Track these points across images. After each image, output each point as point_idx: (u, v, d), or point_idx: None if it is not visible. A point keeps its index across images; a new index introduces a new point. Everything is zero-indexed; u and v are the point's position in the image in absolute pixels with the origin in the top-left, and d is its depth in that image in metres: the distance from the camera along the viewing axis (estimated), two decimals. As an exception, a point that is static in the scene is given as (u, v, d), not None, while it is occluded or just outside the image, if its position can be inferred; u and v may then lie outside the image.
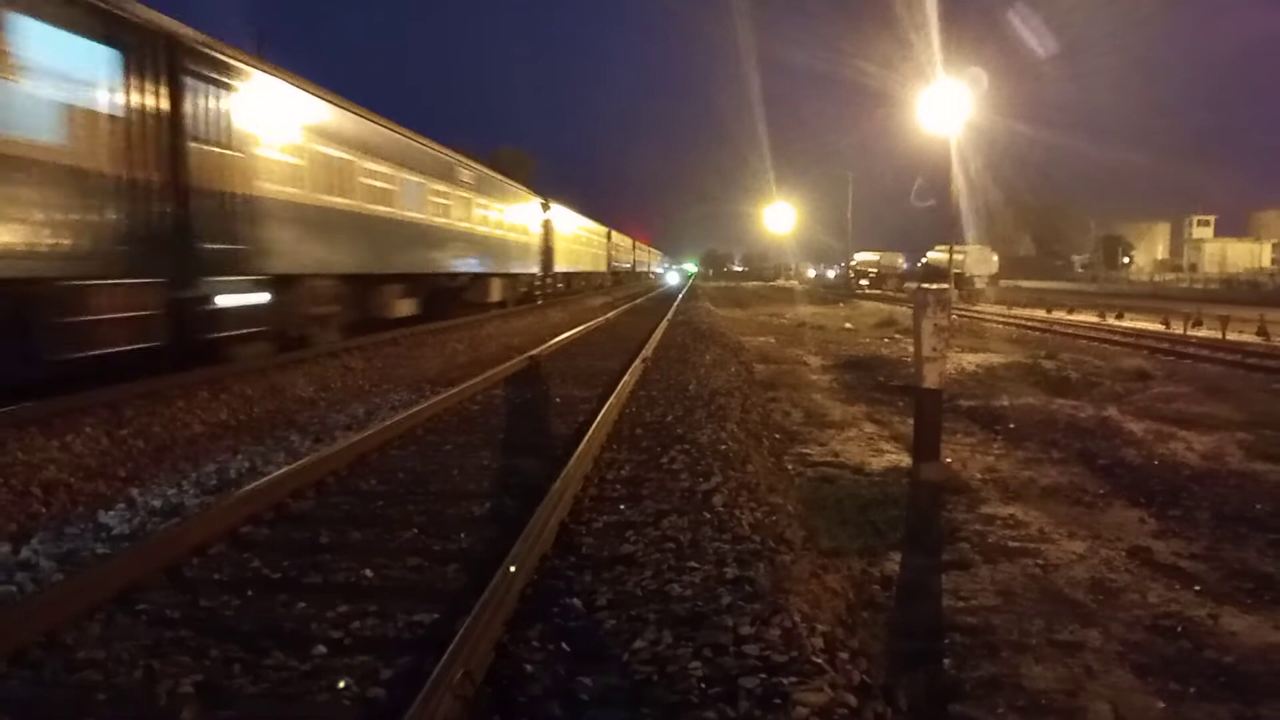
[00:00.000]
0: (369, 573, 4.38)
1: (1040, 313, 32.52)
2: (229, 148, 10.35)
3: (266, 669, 3.35)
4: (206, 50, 9.96)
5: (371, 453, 6.92)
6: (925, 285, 7.95)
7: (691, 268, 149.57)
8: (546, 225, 32.42)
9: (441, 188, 19.58)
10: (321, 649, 3.51)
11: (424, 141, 18.90)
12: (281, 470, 5.93)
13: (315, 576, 4.34)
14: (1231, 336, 20.57)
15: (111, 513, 5.42)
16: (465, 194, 21.57)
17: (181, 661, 3.39)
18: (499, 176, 26.37)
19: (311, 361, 11.82)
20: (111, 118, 8.29)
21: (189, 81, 9.51)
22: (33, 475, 6.16)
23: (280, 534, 5.03)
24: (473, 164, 22.86)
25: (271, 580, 4.31)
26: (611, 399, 8.86)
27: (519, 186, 29.07)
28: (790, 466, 7.81)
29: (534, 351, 13.66)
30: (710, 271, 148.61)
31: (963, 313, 31.03)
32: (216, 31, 9.92)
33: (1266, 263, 74.84)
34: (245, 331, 10.85)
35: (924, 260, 59.09)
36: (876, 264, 69.14)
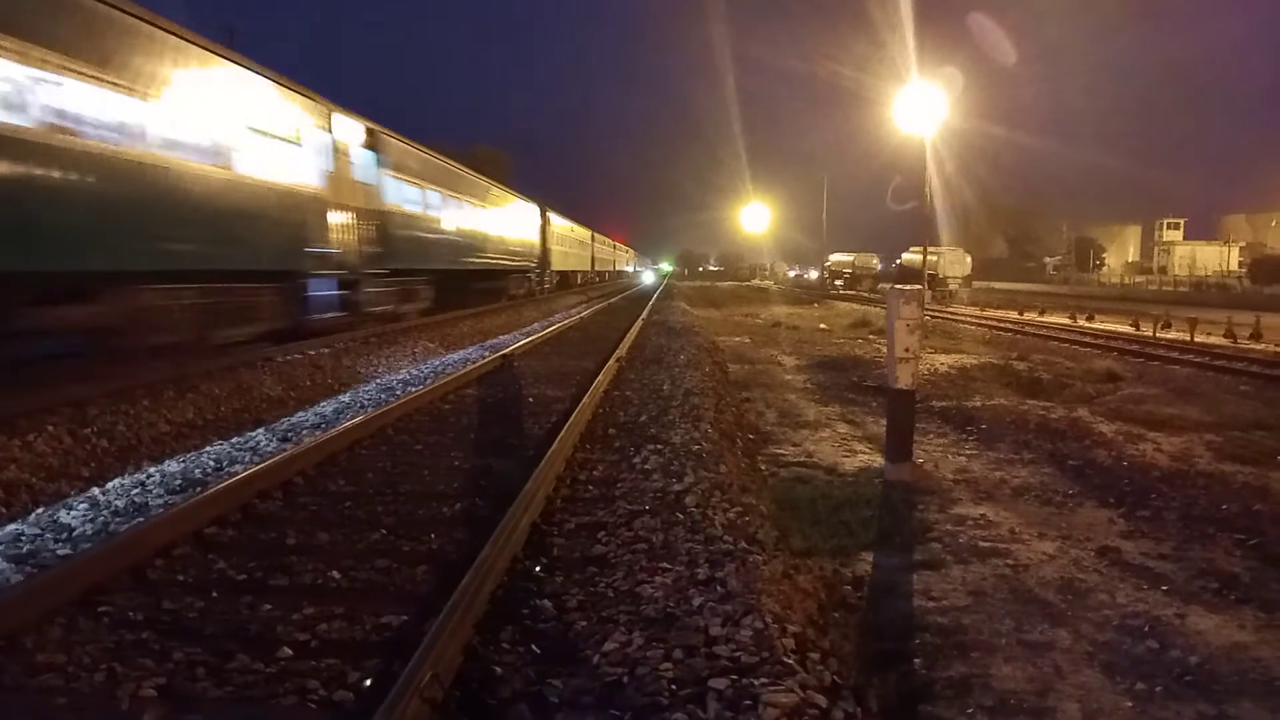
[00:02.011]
0: (336, 574, 4.34)
1: (1013, 314, 32.84)
2: (410, 205, 19.07)
3: (231, 672, 3.31)
4: (397, 141, 18.43)
5: (340, 453, 6.87)
6: (899, 286, 7.98)
7: (666, 267, 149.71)
8: (544, 232, 38.20)
9: (492, 211, 28.00)
10: (288, 651, 3.48)
11: (487, 180, 28.54)
12: (248, 470, 5.88)
13: (282, 578, 4.30)
14: (1200, 338, 20.85)
15: (74, 513, 5.34)
16: (503, 214, 30.03)
17: (144, 664, 3.34)
18: (516, 195, 33.46)
19: (280, 360, 11.72)
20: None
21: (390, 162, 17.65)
22: (-8, 475, 6.06)
23: (246, 535, 4.98)
24: (509, 191, 32.20)
25: (237, 582, 4.26)
26: (585, 399, 8.85)
27: (529, 202, 35.68)
28: (763, 467, 7.83)
29: (507, 350, 13.62)
30: (685, 271, 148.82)
31: (936, 314, 31.26)
32: (187, 22, 9.86)
33: (1235, 266, 75.89)
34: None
35: (899, 261, 59.55)
36: (851, 265, 69.54)
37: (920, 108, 35.41)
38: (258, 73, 12.00)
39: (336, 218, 14.50)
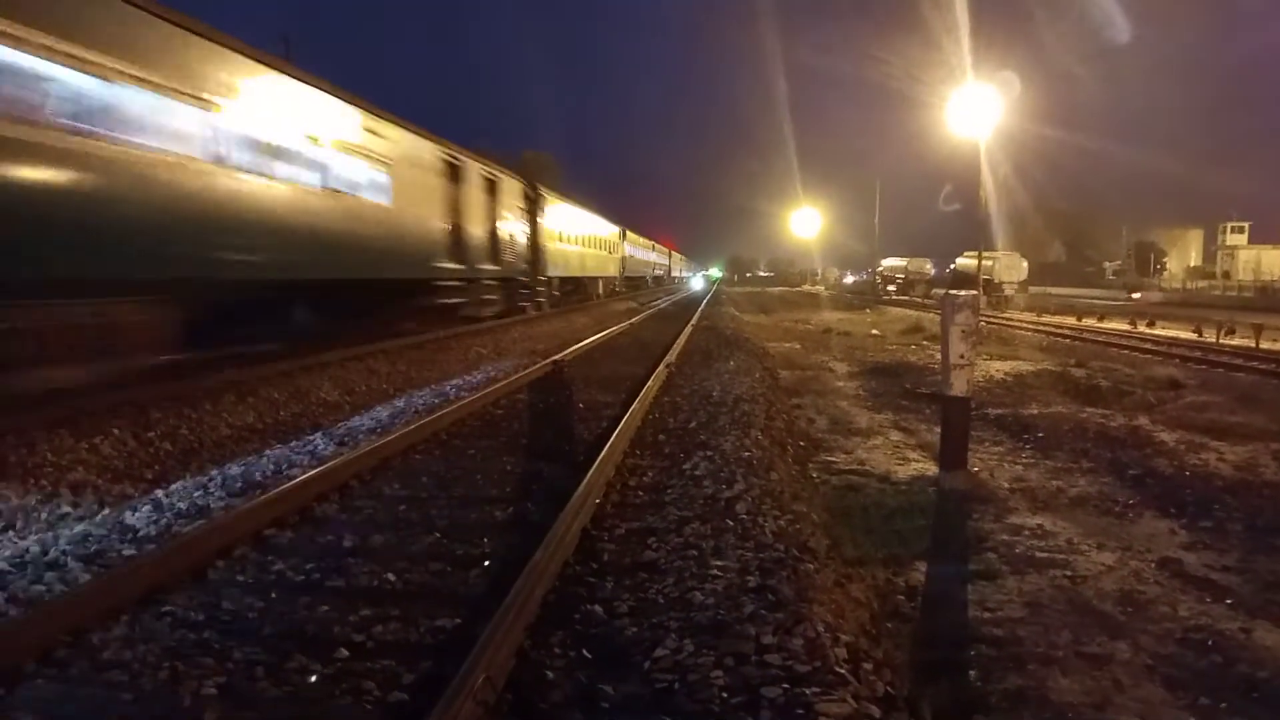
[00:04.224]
0: (391, 576, 4.40)
1: (1070, 320, 32.24)
2: (549, 231, 25.73)
3: (289, 672, 3.37)
4: (543, 192, 25.28)
5: (395, 457, 6.97)
6: (953, 291, 7.88)
7: (716, 273, 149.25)
8: (619, 245, 45.75)
9: (600, 234, 37.34)
10: (344, 652, 3.54)
11: (597, 210, 37.61)
12: (306, 474, 5.98)
13: (338, 580, 4.37)
14: (1266, 345, 20.28)
15: (138, 514, 5.48)
16: (601, 234, 38.24)
17: (204, 663, 3.42)
18: (603, 218, 39.34)
19: (336, 365, 11.90)
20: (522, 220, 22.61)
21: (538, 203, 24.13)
22: (61, 476, 6.25)
23: (304, 537, 5.07)
24: (603, 218, 39.39)
25: (294, 583, 4.34)
26: (635, 404, 8.86)
27: (608, 221, 41.34)
28: (815, 474, 7.78)
29: (557, 356, 13.69)
30: (735, 276, 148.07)
31: (991, 319, 30.79)
32: (243, 31, 10.05)
33: (1303, 270, 73.67)
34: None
35: (952, 266, 58.69)
36: (904, 270, 68.74)
37: (975, 111, 34.91)
38: (472, 158, 18.68)
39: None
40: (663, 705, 3.07)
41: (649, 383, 10.55)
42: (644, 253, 59.10)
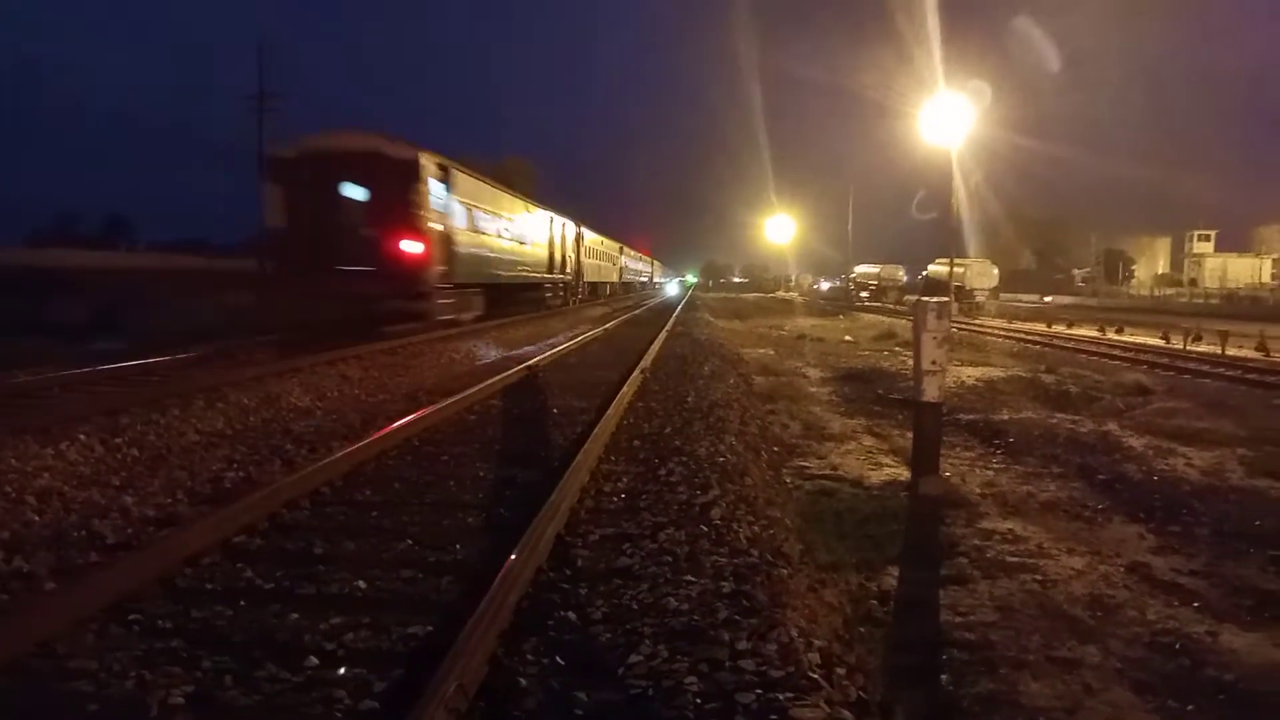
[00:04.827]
0: (362, 584, 4.37)
1: (1040, 326, 32.57)
2: (586, 250, 41.07)
3: (259, 680, 3.33)
4: (581, 227, 38.86)
5: (367, 463, 6.91)
6: (925, 298, 7.94)
7: (691, 278, 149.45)
8: (619, 257, 58.12)
9: (610, 252, 51.27)
10: (314, 660, 3.50)
11: (607, 234, 50.98)
12: (277, 480, 5.91)
13: (309, 587, 4.33)
14: (1232, 352, 20.60)
15: (105, 521, 5.40)
16: (611, 252, 52.22)
17: (173, 672, 3.37)
18: (611, 240, 52.87)
19: (308, 370, 11.81)
20: (570, 245, 35.77)
21: (576, 234, 37.24)
22: (27, 483, 6.15)
23: (274, 544, 5.01)
24: (612, 240, 53.27)
25: (264, 591, 4.29)
26: (610, 410, 8.85)
27: (613, 241, 54.08)
28: (789, 479, 7.81)
29: (532, 362, 13.66)
30: (710, 282, 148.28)
31: (963, 326, 31.05)
32: (220, 36, 10.15)
33: (1267, 278, 74.86)
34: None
35: (925, 273, 59.21)
36: (877, 276, 69.28)
37: (947, 120, 35.27)
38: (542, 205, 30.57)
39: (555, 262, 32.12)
40: (637, 711, 3.06)
41: (623, 388, 10.55)
42: (634, 263, 72.15)
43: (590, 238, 44.60)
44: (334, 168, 16.07)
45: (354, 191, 16.18)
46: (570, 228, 36.70)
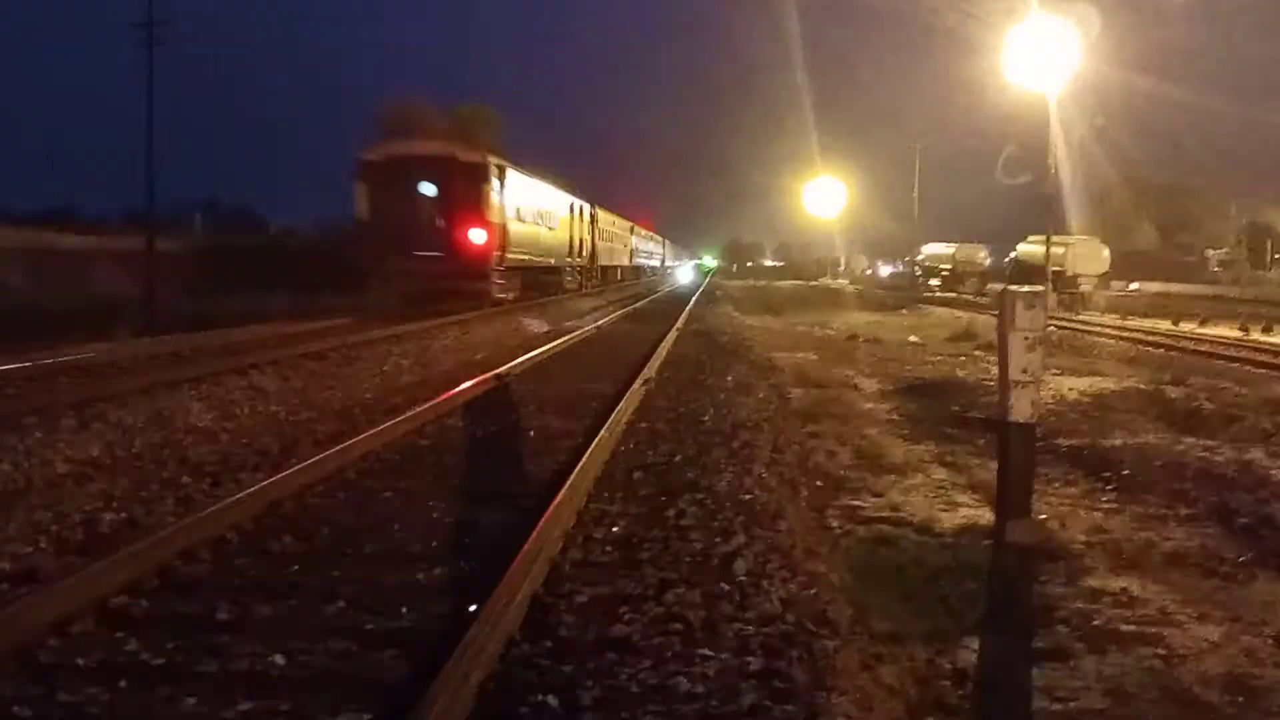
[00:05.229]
0: (280, 659, 4.36)
1: (1164, 324, 32.61)
2: (600, 232, 49.79)
3: (144, 785, 3.34)
4: (598, 210, 48.85)
5: (286, 500, 6.92)
6: (1014, 287, 7.95)
7: (710, 262, 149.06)
8: (630, 239, 67.18)
9: (623, 234, 62.17)
10: (216, 760, 3.50)
11: (620, 214, 61.13)
12: (169, 524, 5.91)
13: (210, 663, 4.33)
14: None
15: (-56, 577, 5.40)
16: (624, 234, 62.50)
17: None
18: (625, 220, 63.26)
19: (210, 381, 11.83)
20: (586, 227, 45.19)
21: (591, 214, 46.27)
22: None
23: (165, 607, 5.01)
24: (625, 220, 63.42)
25: (152, 667, 4.30)
26: (602, 432, 8.87)
27: (624, 220, 63.13)
28: (835, 524, 7.81)
29: (500, 369, 13.67)
30: (734, 266, 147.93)
31: (1063, 323, 31.08)
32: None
33: None
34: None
35: (1013, 254, 59.25)
36: (951, 259, 69.32)
37: (1043, 55, 35.22)
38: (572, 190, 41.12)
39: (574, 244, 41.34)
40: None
41: (620, 403, 10.58)
42: (645, 243, 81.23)
43: (603, 218, 52.62)
44: (414, 169, 25.62)
45: (429, 189, 25.80)
46: (586, 208, 45.24)
